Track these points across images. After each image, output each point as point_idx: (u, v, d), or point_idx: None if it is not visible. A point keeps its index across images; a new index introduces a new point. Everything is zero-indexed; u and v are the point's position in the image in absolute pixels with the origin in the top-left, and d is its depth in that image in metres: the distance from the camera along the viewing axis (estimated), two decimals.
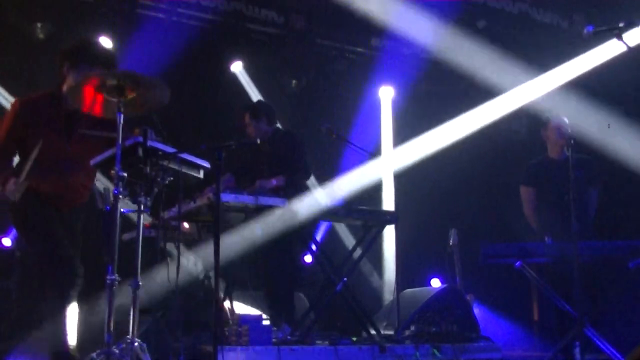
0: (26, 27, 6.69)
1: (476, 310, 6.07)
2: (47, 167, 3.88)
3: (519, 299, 7.30)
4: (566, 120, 5.94)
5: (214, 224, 4.17)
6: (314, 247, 5.49)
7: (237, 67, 7.94)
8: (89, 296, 4.18)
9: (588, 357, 4.89)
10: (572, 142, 5.18)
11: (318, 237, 7.47)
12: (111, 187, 3.52)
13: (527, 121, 8.57)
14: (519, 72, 7.72)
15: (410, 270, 6.64)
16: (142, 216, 3.62)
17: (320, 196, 5.63)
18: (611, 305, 6.12)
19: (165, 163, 3.73)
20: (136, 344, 3.40)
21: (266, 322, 4.83)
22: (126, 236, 5.24)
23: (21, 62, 6.78)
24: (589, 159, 5.88)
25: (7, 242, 6.15)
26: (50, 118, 3.94)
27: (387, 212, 5.97)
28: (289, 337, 4.87)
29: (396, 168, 6.20)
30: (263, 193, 5.07)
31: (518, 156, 7.73)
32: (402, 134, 8.38)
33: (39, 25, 6.69)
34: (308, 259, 7.39)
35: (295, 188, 5.44)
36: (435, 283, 7.39)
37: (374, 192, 7.99)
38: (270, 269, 5.52)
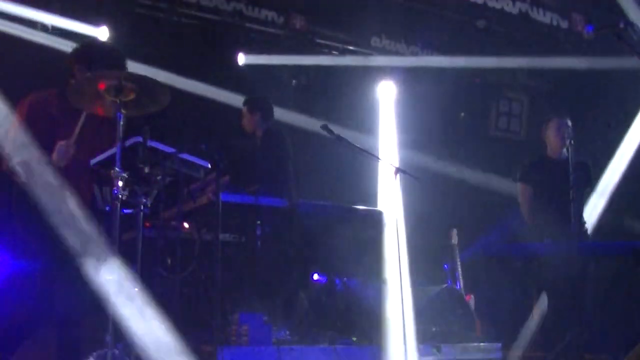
0: None
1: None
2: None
3: (519, 298, 7.28)
4: (568, 121, 5.93)
5: (214, 223, 4.18)
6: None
7: (243, 59, 7.82)
8: None
9: (588, 357, 4.89)
10: (571, 142, 5.18)
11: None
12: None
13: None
14: None
15: (411, 269, 6.61)
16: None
17: None
18: (611, 305, 6.12)
19: (165, 163, 3.73)
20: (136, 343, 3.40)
21: (266, 322, 4.82)
22: (126, 236, 5.22)
23: None
24: (585, 162, 5.88)
25: None
26: (60, 116, 3.92)
27: (387, 212, 5.96)
28: (289, 337, 4.87)
29: (396, 167, 6.17)
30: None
31: (518, 156, 7.72)
32: (402, 134, 8.37)
33: None
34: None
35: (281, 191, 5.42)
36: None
37: (373, 191, 7.97)
38: (271, 268, 5.52)
